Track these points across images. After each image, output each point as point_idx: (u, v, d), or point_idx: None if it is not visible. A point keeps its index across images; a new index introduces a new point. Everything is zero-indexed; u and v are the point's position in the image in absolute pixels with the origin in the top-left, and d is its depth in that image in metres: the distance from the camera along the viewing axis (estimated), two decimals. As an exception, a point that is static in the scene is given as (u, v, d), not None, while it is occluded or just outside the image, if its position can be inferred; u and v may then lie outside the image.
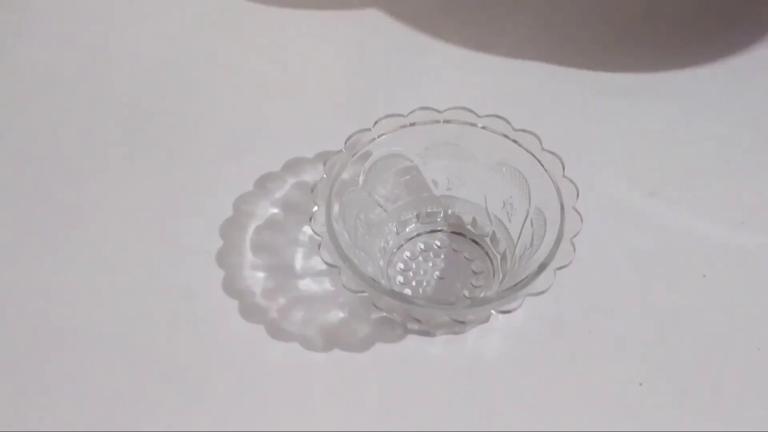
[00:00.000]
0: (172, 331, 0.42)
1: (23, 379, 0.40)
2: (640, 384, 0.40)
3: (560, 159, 0.42)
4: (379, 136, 0.43)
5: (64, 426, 0.39)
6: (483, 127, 0.43)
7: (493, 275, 0.43)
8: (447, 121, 0.43)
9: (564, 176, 0.41)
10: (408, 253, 0.45)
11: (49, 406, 0.40)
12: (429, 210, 0.45)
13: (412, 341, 0.41)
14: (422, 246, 0.45)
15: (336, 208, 0.41)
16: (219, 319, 0.42)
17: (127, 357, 0.41)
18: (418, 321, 0.40)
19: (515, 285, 0.38)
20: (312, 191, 0.41)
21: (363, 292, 0.38)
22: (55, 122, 0.50)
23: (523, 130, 0.43)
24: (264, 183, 0.47)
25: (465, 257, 0.44)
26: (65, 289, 0.43)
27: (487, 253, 0.44)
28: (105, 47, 0.54)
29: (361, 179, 0.43)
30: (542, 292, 0.38)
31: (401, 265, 0.44)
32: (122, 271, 0.44)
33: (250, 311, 0.42)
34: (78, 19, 0.56)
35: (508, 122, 0.43)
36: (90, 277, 0.44)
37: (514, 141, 0.43)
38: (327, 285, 0.43)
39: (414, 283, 0.43)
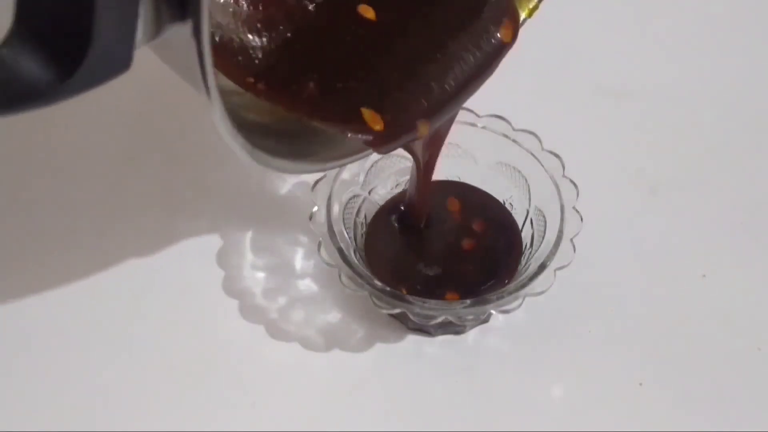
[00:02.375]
0: (172, 331, 0.42)
1: (21, 379, 0.40)
2: (640, 384, 0.40)
3: (560, 159, 0.42)
4: (379, 136, 0.43)
5: (63, 426, 0.39)
6: (483, 127, 0.43)
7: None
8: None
9: (564, 176, 0.42)
10: (408, 253, 0.44)
11: (47, 406, 0.40)
12: (429, 210, 0.45)
13: (412, 341, 0.41)
14: (422, 246, 0.45)
15: (336, 208, 0.41)
16: (219, 319, 0.42)
17: (126, 357, 0.41)
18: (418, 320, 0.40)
19: (515, 285, 0.39)
20: (312, 191, 0.41)
21: (363, 292, 0.38)
22: (55, 122, 0.50)
23: (523, 130, 0.43)
24: (264, 183, 0.47)
25: (465, 256, 0.44)
26: (64, 289, 0.43)
27: (487, 252, 0.44)
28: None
29: (361, 179, 0.43)
30: (542, 292, 0.38)
31: (401, 265, 0.44)
32: (122, 271, 0.44)
33: (250, 311, 0.42)
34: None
35: (508, 122, 0.43)
36: (89, 277, 0.43)
37: (514, 141, 0.43)
38: (327, 285, 0.43)
39: (414, 283, 0.43)
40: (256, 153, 0.32)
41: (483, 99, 0.44)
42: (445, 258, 0.42)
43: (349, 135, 0.35)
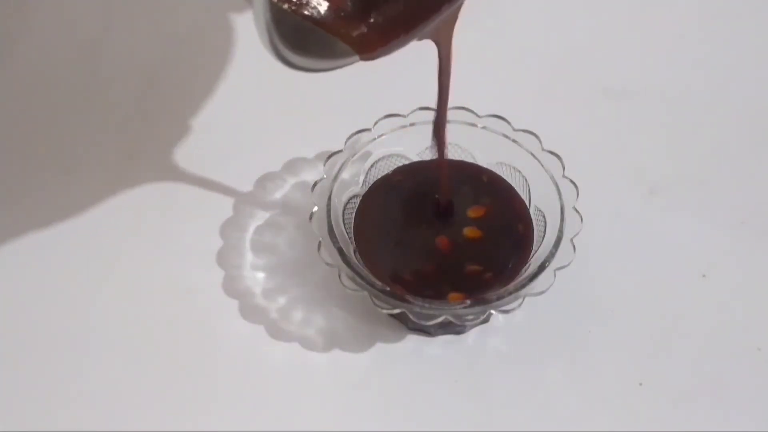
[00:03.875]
0: (172, 332, 0.42)
1: (23, 380, 0.40)
2: (640, 384, 0.40)
3: (560, 159, 0.42)
4: (379, 136, 0.43)
5: (64, 426, 0.39)
6: (483, 127, 0.43)
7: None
8: (447, 121, 0.43)
9: (564, 176, 0.42)
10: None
11: (47, 407, 0.40)
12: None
13: (412, 341, 0.41)
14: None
15: (336, 208, 0.41)
16: (219, 320, 0.42)
17: (126, 357, 0.41)
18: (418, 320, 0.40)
19: (515, 285, 0.39)
20: (312, 191, 0.41)
21: (363, 292, 0.38)
22: (55, 122, 0.50)
23: (523, 130, 0.43)
24: (264, 183, 0.47)
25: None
26: (65, 289, 0.43)
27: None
28: (105, 47, 0.54)
29: (361, 179, 0.43)
30: (542, 292, 0.38)
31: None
32: (122, 271, 0.44)
33: (250, 311, 0.42)
34: (77, 19, 0.55)
35: (508, 122, 0.43)
36: (90, 277, 0.44)
37: (514, 141, 0.43)
38: (327, 285, 0.43)
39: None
40: (275, 40, 0.32)
41: (483, 99, 0.44)
42: (448, 255, 0.42)
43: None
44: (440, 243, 0.42)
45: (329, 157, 0.42)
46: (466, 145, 0.44)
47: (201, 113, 0.50)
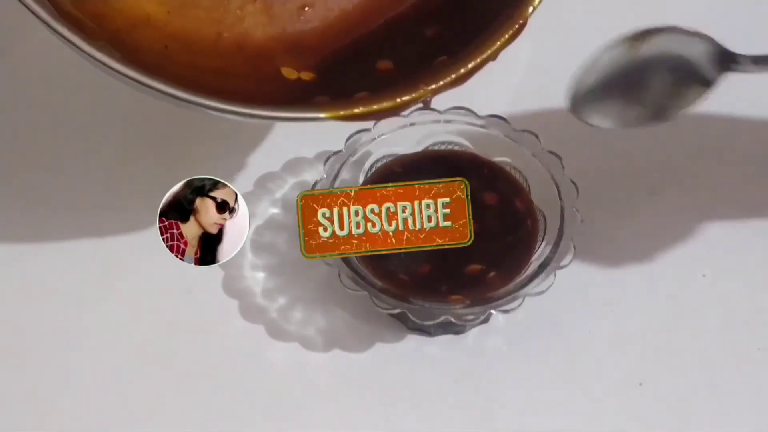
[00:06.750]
0: (172, 331, 0.42)
1: (24, 381, 0.40)
2: (640, 384, 0.40)
3: (560, 159, 0.42)
4: (379, 136, 0.43)
5: (64, 426, 0.39)
6: (483, 127, 0.43)
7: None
8: (447, 121, 0.43)
9: (564, 176, 0.42)
10: (408, 253, 0.44)
11: (48, 407, 0.40)
12: (429, 210, 0.45)
13: (412, 341, 0.41)
14: (422, 246, 0.45)
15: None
16: (219, 320, 0.42)
17: (126, 357, 0.41)
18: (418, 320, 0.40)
19: (515, 285, 0.39)
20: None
21: (363, 292, 0.38)
22: (54, 121, 0.50)
23: (523, 130, 0.43)
24: (264, 183, 0.47)
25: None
26: (64, 290, 0.43)
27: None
28: (105, 47, 0.54)
29: (361, 179, 0.43)
30: (542, 292, 0.38)
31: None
32: (121, 271, 0.44)
33: (250, 311, 0.42)
34: (78, 19, 0.55)
35: (508, 122, 0.43)
36: (88, 277, 0.43)
37: (514, 141, 0.43)
38: (327, 285, 0.43)
39: (414, 283, 0.43)
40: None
41: (483, 99, 0.44)
42: (450, 257, 0.41)
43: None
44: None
45: (329, 157, 0.42)
46: (466, 145, 0.44)
47: (199, 114, 0.50)
